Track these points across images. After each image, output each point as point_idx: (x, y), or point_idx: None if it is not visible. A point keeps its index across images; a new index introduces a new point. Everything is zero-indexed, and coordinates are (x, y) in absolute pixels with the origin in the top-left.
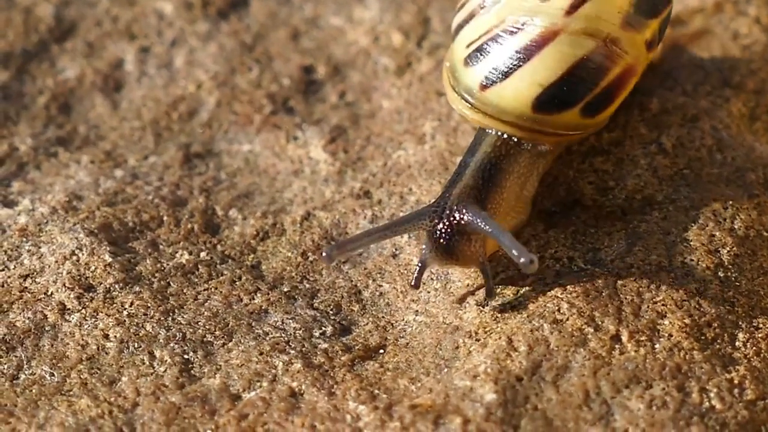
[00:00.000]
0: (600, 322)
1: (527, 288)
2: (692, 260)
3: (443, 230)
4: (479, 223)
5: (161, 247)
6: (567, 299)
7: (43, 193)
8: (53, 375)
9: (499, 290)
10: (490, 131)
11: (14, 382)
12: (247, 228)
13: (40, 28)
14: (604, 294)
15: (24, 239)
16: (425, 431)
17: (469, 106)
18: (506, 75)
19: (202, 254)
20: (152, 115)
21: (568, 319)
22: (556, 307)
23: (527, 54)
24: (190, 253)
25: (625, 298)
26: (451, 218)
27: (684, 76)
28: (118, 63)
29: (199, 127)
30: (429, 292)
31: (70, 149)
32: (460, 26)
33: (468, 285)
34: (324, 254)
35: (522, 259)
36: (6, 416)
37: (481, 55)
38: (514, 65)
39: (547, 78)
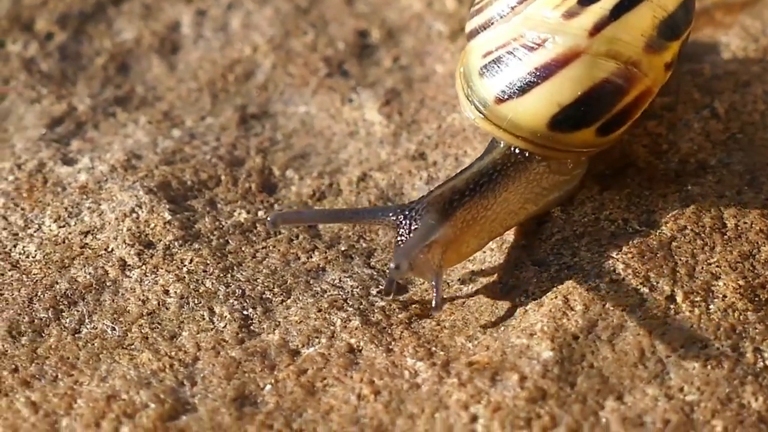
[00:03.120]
0: (655, 283)
1: (583, 249)
2: (746, 223)
3: (402, 233)
4: (418, 234)
5: (219, 205)
6: (622, 260)
7: (102, 152)
8: (114, 329)
9: (554, 252)
10: (501, 143)
11: (76, 335)
12: (304, 188)
13: None
14: (658, 255)
15: (84, 197)
16: (483, 387)
17: (482, 116)
18: (523, 91)
19: (260, 213)
20: (209, 76)
21: (623, 279)
22: (612, 268)
23: (547, 72)
24: (248, 212)
25: (680, 260)
26: (411, 222)
27: (735, 42)
28: (175, 25)
29: (255, 89)
30: (485, 252)
31: (127, 109)
32: (477, 31)
33: (524, 245)
34: (269, 219)
35: (395, 266)
36: (69, 369)
37: (498, 67)
38: (532, 82)
39: (566, 98)
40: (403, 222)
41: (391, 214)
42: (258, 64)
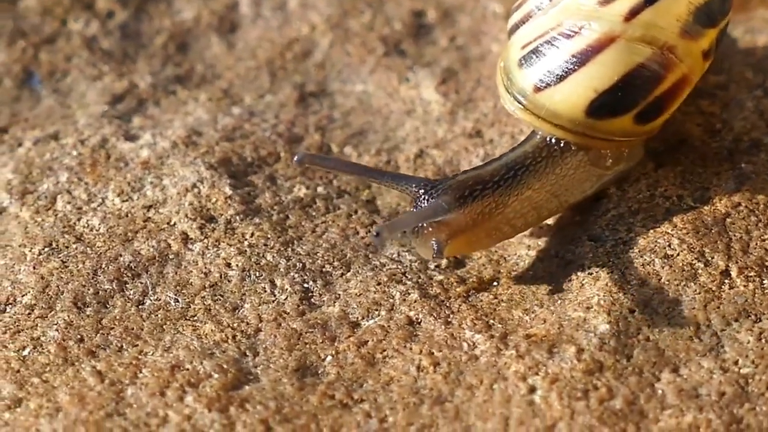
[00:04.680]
0: (710, 258)
1: (638, 224)
2: None
3: (417, 205)
4: (421, 212)
5: (279, 181)
6: (677, 235)
7: (163, 129)
8: (178, 301)
9: (609, 228)
10: (537, 134)
11: (140, 307)
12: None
13: None
14: (713, 231)
15: (147, 172)
16: (540, 359)
17: (522, 107)
18: (561, 78)
19: (319, 189)
20: (267, 55)
21: (678, 255)
22: (667, 243)
23: (583, 58)
24: (308, 188)
25: (734, 236)
26: (429, 198)
27: None
28: (234, 5)
29: (313, 68)
30: (541, 228)
31: (188, 87)
32: (516, 26)
33: (579, 221)
34: (296, 157)
35: (375, 233)
36: (133, 339)
37: (536, 57)
38: (569, 69)
39: (603, 84)
40: (422, 197)
41: (414, 185)
42: (316, 43)
